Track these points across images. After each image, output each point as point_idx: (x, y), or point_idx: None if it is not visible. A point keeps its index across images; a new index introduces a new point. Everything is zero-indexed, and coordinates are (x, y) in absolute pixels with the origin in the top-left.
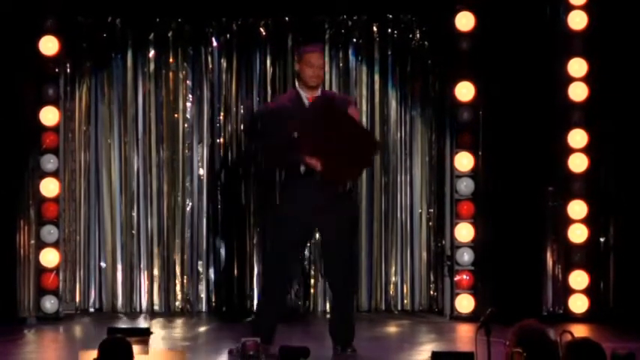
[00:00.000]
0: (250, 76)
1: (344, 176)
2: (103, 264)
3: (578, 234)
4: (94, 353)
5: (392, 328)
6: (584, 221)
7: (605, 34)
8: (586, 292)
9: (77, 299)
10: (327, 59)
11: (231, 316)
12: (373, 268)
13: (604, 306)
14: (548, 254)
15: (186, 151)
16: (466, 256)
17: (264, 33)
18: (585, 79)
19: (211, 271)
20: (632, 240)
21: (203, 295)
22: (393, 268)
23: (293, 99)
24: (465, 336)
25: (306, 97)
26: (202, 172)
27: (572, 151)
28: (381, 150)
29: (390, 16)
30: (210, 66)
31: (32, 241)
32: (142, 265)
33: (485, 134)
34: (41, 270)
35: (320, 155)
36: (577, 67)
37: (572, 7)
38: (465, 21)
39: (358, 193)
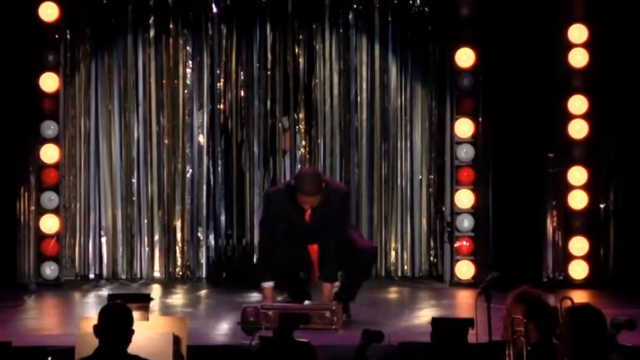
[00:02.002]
0: (250, 43)
1: None
2: (103, 230)
3: (578, 200)
4: (95, 319)
5: (392, 294)
6: (584, 187)
7: (606, 0)
8: (586, 258)
9: (77, 265)
10: (327, 25)
11: (231, 281)
12: (373, 234)
13: (604, 272)
14: (548, 220)
15: (187, 117)
16: (466, 223)
17: None
18: (586, 45)
19: (211, 238)
20: (632, 206)
21: (203, 262)
22: (393, 235)
23: (291, 204)
24: (464, 302)
25: (303, 207)
26: (202, 138)
27: (572, 117)
28: None
29: None
30: (211, 32)
31: (32, 208)
32: (142, 232)
33: (486, 101)
34: (41, 236)
35: None
36: (578, 33)
37: None
38: None
39: (358, 160)
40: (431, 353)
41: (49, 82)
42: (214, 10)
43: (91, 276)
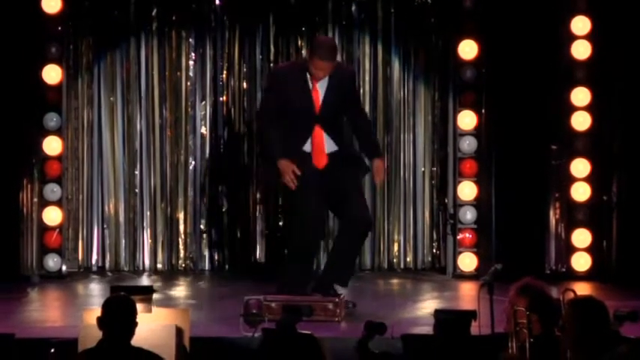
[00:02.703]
0: (253, 35)
1: None
2: (105, 223)
3: (581, 192)
4: (98, 311)
5: (395, 286)
6: (587, 179)
7: None
8: (589, 250)
9: (80, 257)
10: (329, 17)
11: (233, 274)
12: (376, 226)
13: (607, 264)
14: (551, 212)
15: (189, 109)
16: (469, 215)
17: None
18: (589, 37)
19: (214, 230)
20: (635, 198)
21: (206, 254)
22: (396, 227)
23: (298, 76)
24: (467, 294)
25: (311, 79)
26: (205, 130)
27: (575, 109)
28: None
29: None
30: (213, 24)
31: (35, 200)
32: (144, 224)
33: (489, 92)
34: (44, 228)
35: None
36: (581, 24)
37: None
38: None
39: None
40: (434, 345)
41: (52, 74)
42: (217, 1)
43: (94, 268)
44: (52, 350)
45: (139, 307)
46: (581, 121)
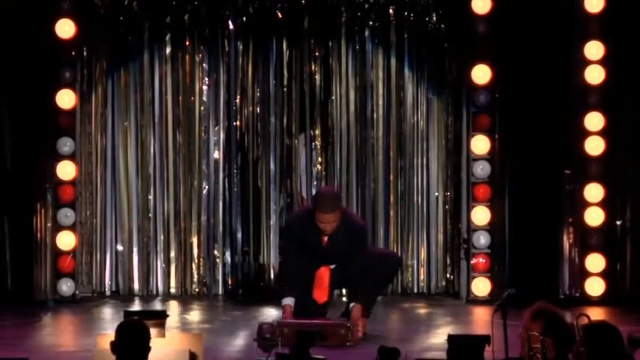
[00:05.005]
0: (267, 59)
1: None
2: (119, 247)
3: (594, 217)
4: (111, 336)
5: (408, 311)
6: (600, 204)
7: (622, 17)
8: (602, 275)
9: (94, 282)
10: (343, 42)
11: (247, 298)
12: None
13: (620, 289)
14: (565, 237)
15: (203, 134)
16: (482, 240)
17: (280, 16)
18: (602, 61)
19: (227, 254)
20: None
21: (219, 278)
22: (410, 251)
23: (310, 228)
24: (481, 319)
25: (321, 234)
26: (218, 155)
27: (588, 133)
28: None
29: None
30: (227, 49)
31: (49, 224)
32: (158, 248)
33: (502, 117)
34: (58, 253)
35: None
36: (594, 50)
37: None
38: (481, 4)
39: (374, 176)
40: None
41: (66, 98)
42: (230, 26)
43: (107, 292)
44: None
45: (153, 331)
46: (594, 146)
